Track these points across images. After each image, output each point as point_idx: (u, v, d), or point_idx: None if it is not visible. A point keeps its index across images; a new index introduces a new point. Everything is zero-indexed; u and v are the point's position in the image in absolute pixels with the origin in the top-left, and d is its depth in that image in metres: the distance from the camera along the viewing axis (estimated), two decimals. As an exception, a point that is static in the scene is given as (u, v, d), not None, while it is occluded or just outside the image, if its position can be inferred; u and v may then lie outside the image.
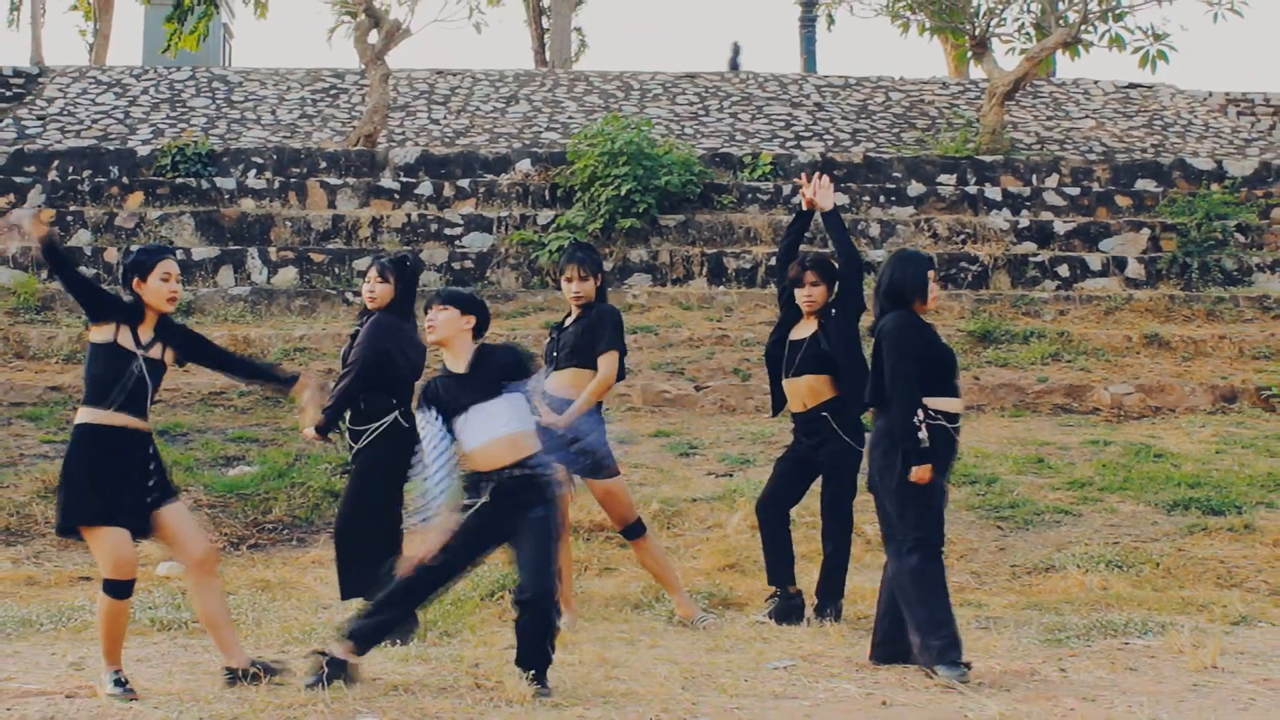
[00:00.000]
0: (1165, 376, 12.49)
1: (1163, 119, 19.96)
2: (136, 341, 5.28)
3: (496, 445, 5.32)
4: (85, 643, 6.18)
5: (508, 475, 5.31)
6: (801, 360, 6.73)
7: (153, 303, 5.32)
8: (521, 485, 5.32)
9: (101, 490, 5.11)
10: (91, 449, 5.15)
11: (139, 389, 5.23)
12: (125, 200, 15.39)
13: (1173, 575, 7.87)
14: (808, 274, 6.78)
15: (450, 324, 5.43)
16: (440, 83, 20.72)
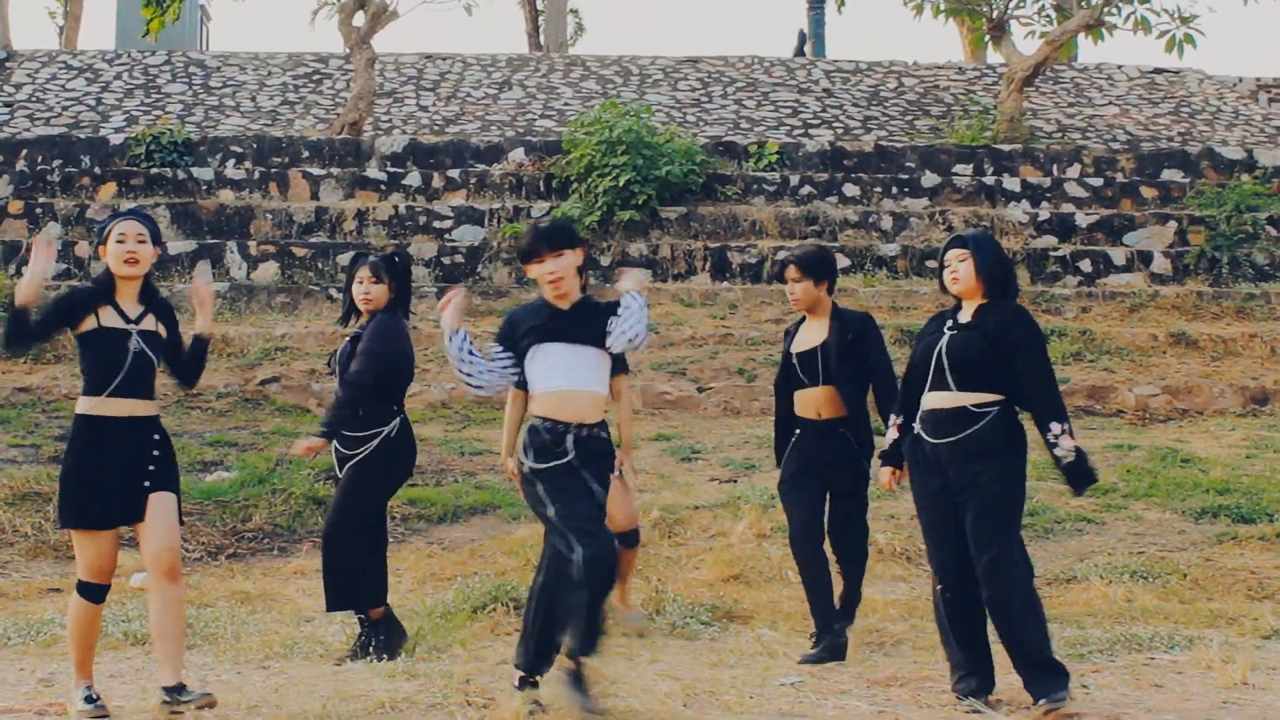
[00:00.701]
0: (1193, 377, 12.49)
1: (1190, 106, 19.96)
2: (124, 317, 5.18)
3: (582, 396, 5.16)
4: (55, 658, 6.17)
5: (587, 434, 5.15)
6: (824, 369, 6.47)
7: (112, 268, 5.24)
8: (600, 451, 5.19)
9: (91, 491, 5.05)
10: (86, 443, 5.08)
11: (140, 368, 5.11)
12: (97, 191, 15.39)
13: (1201, 586, 7.87)
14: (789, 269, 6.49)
15: (571, 268, 5.26)
16: (429, 67, 20.73)
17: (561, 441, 5.12)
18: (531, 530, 8.68)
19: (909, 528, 8.84)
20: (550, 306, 5.26)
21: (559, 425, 5.14)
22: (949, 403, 5.32)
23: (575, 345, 5.18)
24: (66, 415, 11.06)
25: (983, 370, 5.30)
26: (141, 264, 5.26)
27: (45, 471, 9.52)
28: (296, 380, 12.00)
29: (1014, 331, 5.31)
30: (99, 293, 5.22)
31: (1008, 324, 5.31)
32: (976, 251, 5.43)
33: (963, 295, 5.48)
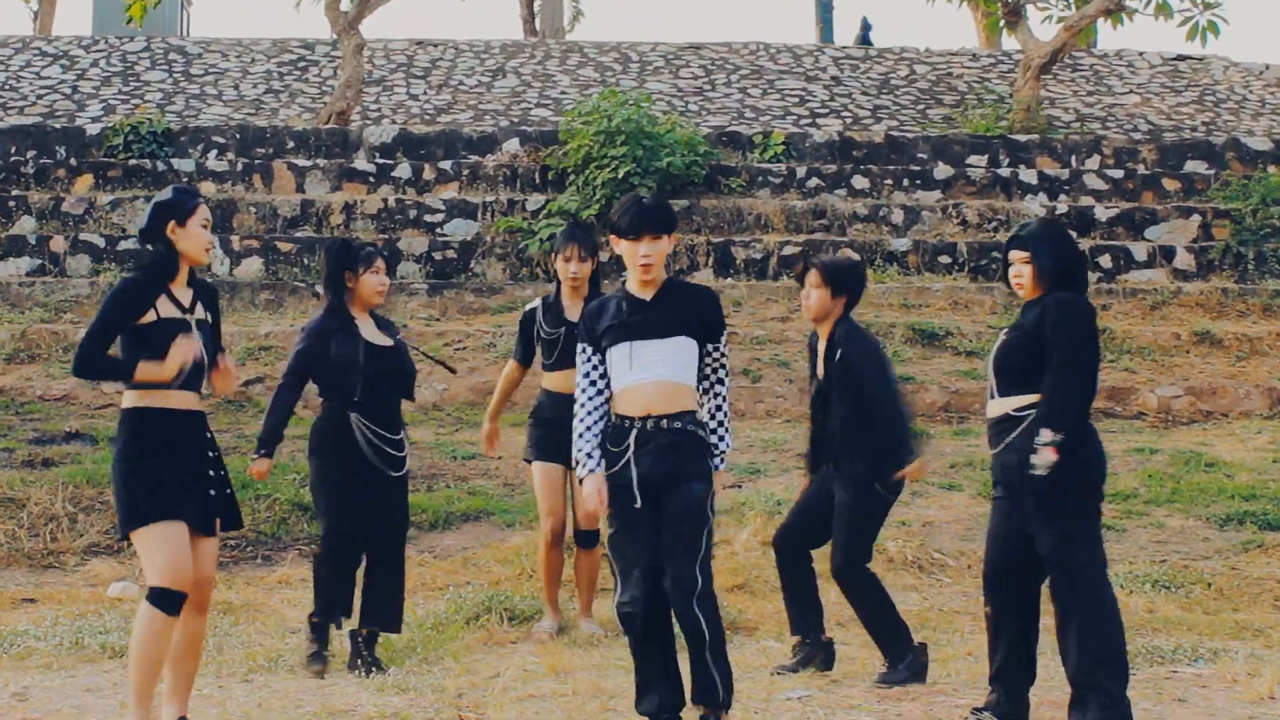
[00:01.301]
0: (1217, 378, 12.49)
1: (1215, 94, 19.96)
2: (179, 306, 4.92)
3: (649, 388, 4.93)
4: (29, 671, 6.17)
5: (653, 425, 4.91)
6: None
7: (190, 252, 4.95)
8: (674, 443, 4.93)
9: (163, 481, 4.78)
10: (148, 436, 4.83)
11: (200, 360, 4.89)
12: (73, 183, 15.39)
13: (1226, 597, 7.87)
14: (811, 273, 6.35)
15: (663, 255, 5.05)
16: (420, 54, 20.73)
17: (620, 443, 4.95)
18: (526, 538, 8.69)
19: (920, 535, 8.84)
20: (629, 298, 5.03)
21: (621, 419, 4.97)
22: (993, 410, 5.25)
23: (653, 340, 4.95)
24: (42, 417, 11.06)
25: (1022, 370, 5.14)
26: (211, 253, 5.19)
27: (19, 476, 9.53)
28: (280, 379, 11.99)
29: (1049, 318, 5.09)
30: (159, 280, 4.93)
31: (1045, 313, 5.12)
32: (1036, 253, 5.23)
33: (1029, 298, 5.28)
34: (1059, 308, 5.11)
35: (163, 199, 5.02)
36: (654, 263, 5.01)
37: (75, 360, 4.87)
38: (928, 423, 11.52)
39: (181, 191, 5.08)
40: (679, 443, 4.93)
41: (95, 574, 8.31)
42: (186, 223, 4.97)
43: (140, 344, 4.83)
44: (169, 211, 4.97)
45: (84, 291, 13.57)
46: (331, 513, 6.36)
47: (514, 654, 6.59)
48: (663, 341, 4.96)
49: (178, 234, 4.96)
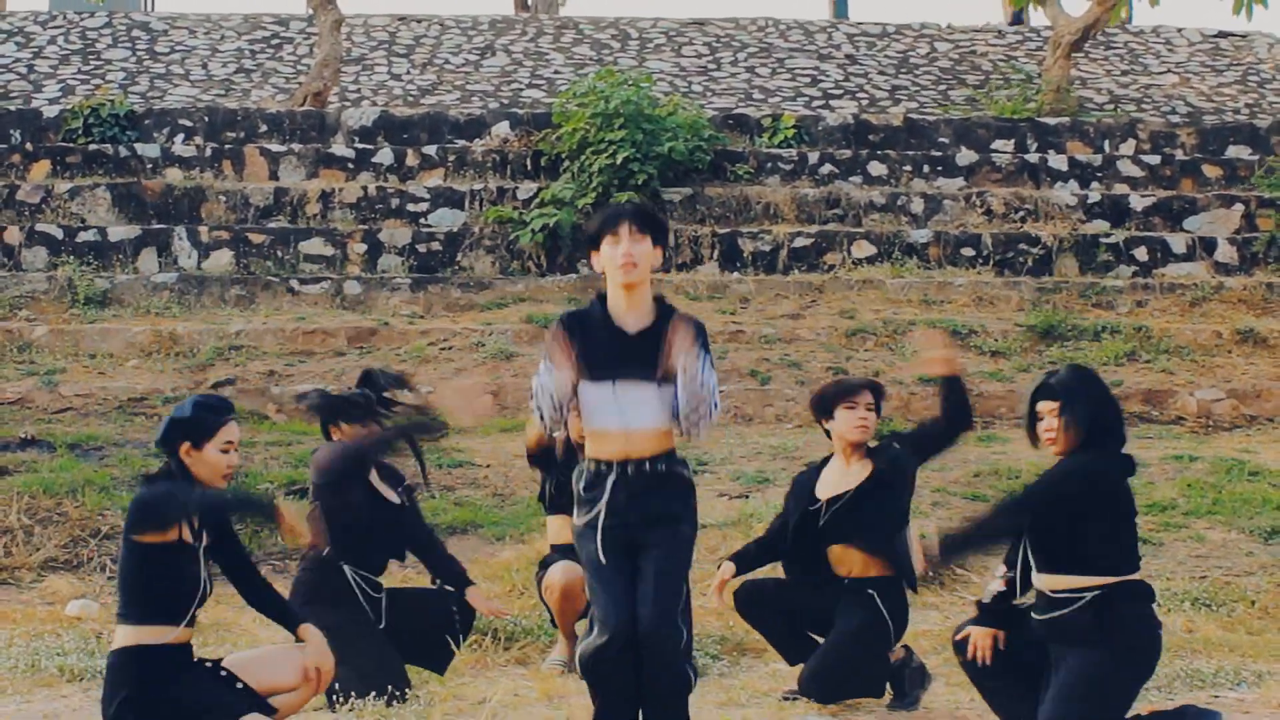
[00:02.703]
0: (1262, 380, 12.49)
1: (1259, 74, 19.97)
2: (193, 530, 4.81)
3: (640, 436, 4.85)
4: (-18, 696, 6.17)
5: (636, 468, 4.84)
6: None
7: (205, 476, 4.83)
8: (659, 482, 4.88)
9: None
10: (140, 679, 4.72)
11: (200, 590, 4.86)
12: (29, 170, 15.39)
13: (1270, 615, 7.87)
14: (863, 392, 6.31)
15: (648, 260, 4.90)
16: (403, 30, 20.73)
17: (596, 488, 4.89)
18: (516, 552, 8.69)
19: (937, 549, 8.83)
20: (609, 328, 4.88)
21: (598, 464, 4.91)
22: (1034, 583, 5.23)
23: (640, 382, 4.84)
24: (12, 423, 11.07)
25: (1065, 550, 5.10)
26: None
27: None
28: (254, 383, 12.00)
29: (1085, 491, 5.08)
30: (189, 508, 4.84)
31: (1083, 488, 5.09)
32: (1068, 403, 5.13)
33: (1059, 453, 5.19)
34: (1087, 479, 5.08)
35: (179, 415, 4.83)
36: (638, 263, 4.84)
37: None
38: (950, 428, 11.51)
39: (202, 407, 4.88)
40: (664, 484, 4.90)
41: (53, 591, 8.30)
42: (204, 446, 4.82)
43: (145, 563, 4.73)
44: (182, 432, 4.81)
45: (41, 286, 13.57)
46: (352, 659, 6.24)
47: (504, 677, 6.59)
48: (649, 386, 4.84)
49: (192, 457, 4.83)
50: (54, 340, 12.68)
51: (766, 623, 6.49)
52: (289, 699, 4.96)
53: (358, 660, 5.93)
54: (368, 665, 6.00)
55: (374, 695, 5.91)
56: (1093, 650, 4.97)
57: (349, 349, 12.69)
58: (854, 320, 13.16)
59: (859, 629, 6.07)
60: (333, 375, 12.02)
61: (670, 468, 4.91)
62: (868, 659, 6.08)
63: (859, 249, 14.58)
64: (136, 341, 12.69)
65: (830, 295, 13.78)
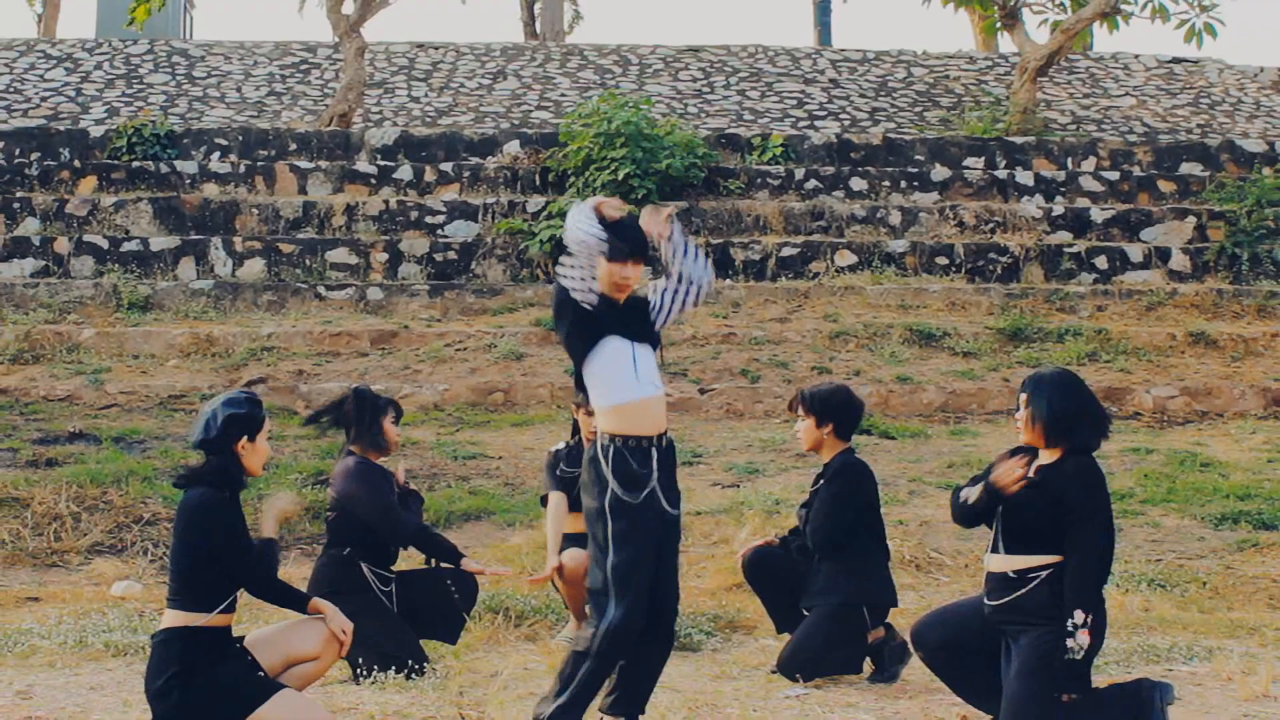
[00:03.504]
0: (1213, 378, 12.49)
1: (1210, 97, 19.97)
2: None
3: (656, 404, 4.82)
4: (33, 670, 6.17)
5: (666, 443, 4.83)
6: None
7: (254, 466, 4.84)
8: (673, 461, 4.88)
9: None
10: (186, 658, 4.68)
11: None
12: (77, 185, 15.39)
13: (1221, 595, 7.87)
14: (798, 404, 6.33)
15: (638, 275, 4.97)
16: (421, 57, 20.73)
17: (648, 461, 4.78)
18: (526, 537, 8.68)
19: (918, 534, 8.84)
20: (609, 303, 4.86)
21: (638, 440, 4.76)
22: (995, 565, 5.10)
23: (647, 346, 4.87)
24: (46, 417, 11.06)
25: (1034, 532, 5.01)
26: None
27: (23, 476, 9.53)
28: (284, 381, 12.00)
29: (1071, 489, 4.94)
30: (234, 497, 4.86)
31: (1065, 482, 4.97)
32: (1033, 399, 5.08)
33: (1025, 442, 5.14)
34: (1079, 477, 4.98)
35: (235, 411, 4.77)
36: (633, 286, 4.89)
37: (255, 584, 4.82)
38: (926, 422, 11.53)
39: (250, 402, 4.84)
40: (673, 461, 4.91)
41: (99, 573, 8.31)
42: (256, 438, 4.80)
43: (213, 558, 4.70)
44: (240, 427, 4.76)
45: (88, 293, 13.57)
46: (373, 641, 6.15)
47: (514, 652, 6.59)
48: (652, 350, 4.90)
49: (246, 449, 4.78)
50: (100, 342, 12.68)
51: (767, 589, 6.47)
52: (311, 668, 4.95)
53: (377, 640, 5.94)
54: (388, 645, 6.01)
55: (394, 669, 5.91)
56: (1047, 628, 4.96)
57: (371, 350, 12.69)
58: (837, 324, 13.17)
59: (834, 609, 6.09)
60: (357, 374, 12.02)
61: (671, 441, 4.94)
62: (841, 637, 6.09)
63: (841, 258, 14.57)
64: (176, 343, 12.69)
65: (815, 300, 13.78)
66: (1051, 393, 5.12)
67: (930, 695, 5.79)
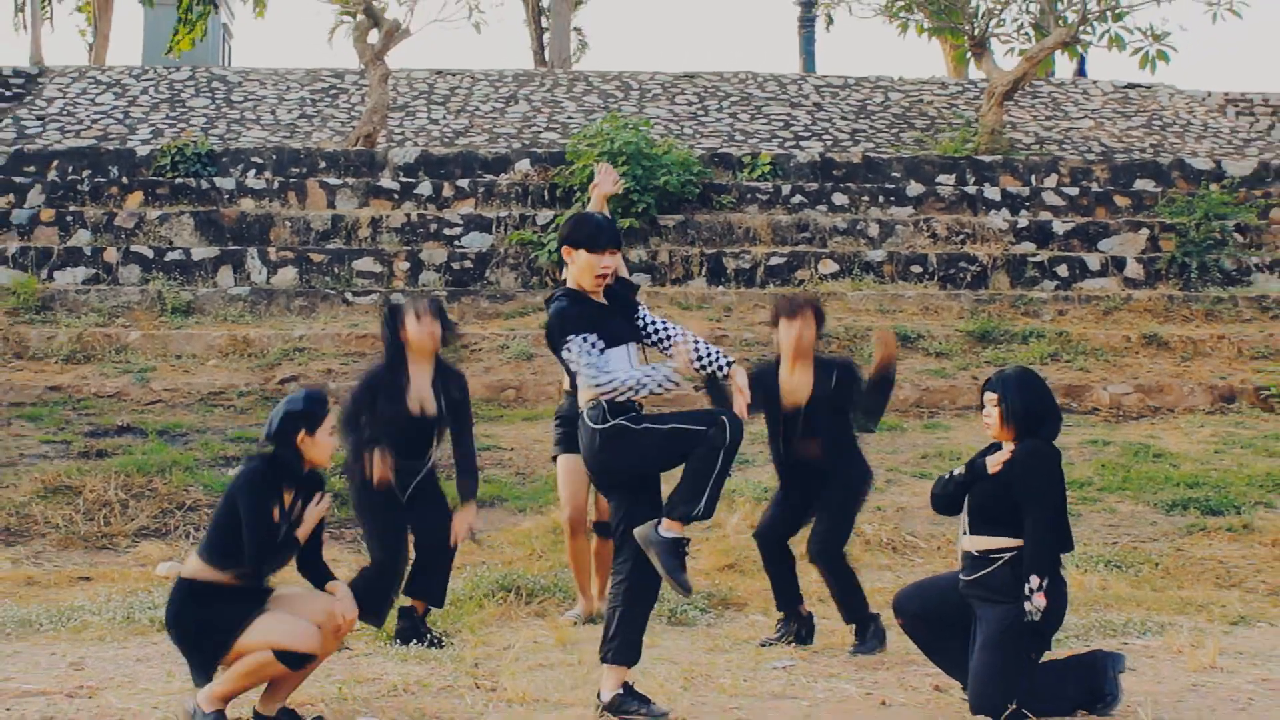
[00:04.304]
0: (1164, 376, 12.49)
1: (1162, 119, 19.96)
2: (284, 512, 4.73)
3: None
4: (85, 643, 6.18)
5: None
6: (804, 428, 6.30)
7: (317, 459, 4.76)
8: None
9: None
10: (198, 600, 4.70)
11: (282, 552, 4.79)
12: (125, 200, 15.39)
13: (1171, 575, 7.87)
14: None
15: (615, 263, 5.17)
16: (439, 83, 20.72)
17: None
18: (536, 522, 8.69)
19: (894, 519, 8.85)
20: (589, 303, 5.02)
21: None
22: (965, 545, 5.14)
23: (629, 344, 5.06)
24: (96, 412, 11.07)
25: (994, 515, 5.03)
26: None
27: (76, 466, 9.53)
28: (314, 379, 11.99)
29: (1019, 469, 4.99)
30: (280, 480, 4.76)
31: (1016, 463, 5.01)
32: (1004, 396, 5.09)
33: (995, 439, 5.17)
34: (1029, 459, 4.99)
35: (295, 408, 4.70)
36: (611, 273, 5.10)
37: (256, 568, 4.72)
38: (901, 417, 11.53)
39: (313, 400, 4.75)
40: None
41: (145, 555, 8.31)
42: (316, 432, 4.72)
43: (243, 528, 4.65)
44: (300, 422, 4.69)
45: (134, 298, 13.57)
46: (375, 533, 6.17)
47: (525, 628, 6.60)
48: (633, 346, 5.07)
49: (306, 443, 4.71)
50: (146, 343, 12.68)
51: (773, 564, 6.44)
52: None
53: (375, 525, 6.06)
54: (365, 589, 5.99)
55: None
56: (1012, 605, 4.96)
57: (394, 351, 12.66)
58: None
59: (843, 499, 6.24)
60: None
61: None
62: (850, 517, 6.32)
63: (824, 266, 14.57)
64: (215, 344, 12.69)
65: (800, 305, 13.76)
66: (1022, 391, 5.12)
67: (906, 666, 5.79)
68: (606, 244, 5.07)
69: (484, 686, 5.35)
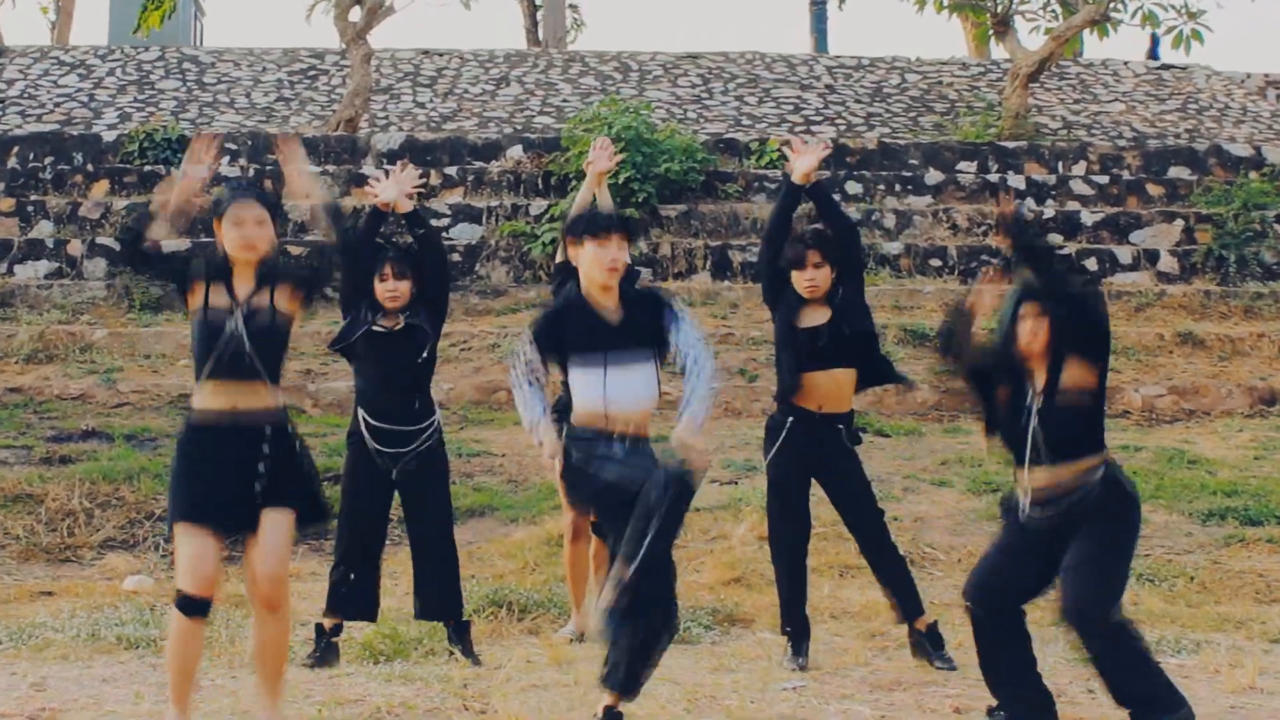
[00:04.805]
0: (1200, 377, 12.49)
1: (1197, 102, 19.96)
2: (233, 298, 4.71)
3: (637, 414, 4.92)
4: (47, 662, 6.17)
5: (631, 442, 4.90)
6: (823, 350, 6.22)
7: (229, 252, 4.77)
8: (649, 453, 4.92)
9: (192, 483, 4.62)
10: (187, 435, 4.70)
11: (235, 350, 4.62)
12: (90, 189, 15.39)
13: (1208, 590, 7.87)
14: (810, 253, 6.26)
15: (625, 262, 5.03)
16: (426, 63, 20.72)
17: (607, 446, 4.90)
18: (529, 533, 8.69)
19: (912, 529, 8.84)
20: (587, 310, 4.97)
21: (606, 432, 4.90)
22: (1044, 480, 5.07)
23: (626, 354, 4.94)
24: (59, 416, 11.06)
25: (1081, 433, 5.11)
26: (259, 250, 4.80)
27: (37, 473, 9.53)
28: (291, 380, 11.99)
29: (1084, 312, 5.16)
30: (215, 269, 4.79)
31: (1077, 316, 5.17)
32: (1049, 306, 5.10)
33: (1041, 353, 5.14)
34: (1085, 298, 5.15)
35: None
36: (620, 267, 4.96)
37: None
38: (919, 420, 11.53)
39: (227, 194, 4.88)
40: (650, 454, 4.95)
41: (111, 568, 8.31)
42: (222, 220, 4.84)
43: (193, 333, 4.72)
44: (213, 211, 4.86)
45: (100, 294, 13.57)
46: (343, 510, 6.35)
47: (518, 645, 6.59)
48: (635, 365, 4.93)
49: (220, 233, 4.84)
50: (112, 342, 12.68)
51: None
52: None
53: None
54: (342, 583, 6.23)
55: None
56: (1109, 521, 4.93)
57: (378, 350, 12.66)
58: (833, 324, 13.15)
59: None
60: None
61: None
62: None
63: (837, 260, 14.55)
64: (186, 344, 12.64)
65: (811, 301, 13.76)
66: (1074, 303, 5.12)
67: (924, 687, 5.79)
68: (607, 227, 4.96)
69: (473, 709, 5.35)
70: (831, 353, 6.25)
